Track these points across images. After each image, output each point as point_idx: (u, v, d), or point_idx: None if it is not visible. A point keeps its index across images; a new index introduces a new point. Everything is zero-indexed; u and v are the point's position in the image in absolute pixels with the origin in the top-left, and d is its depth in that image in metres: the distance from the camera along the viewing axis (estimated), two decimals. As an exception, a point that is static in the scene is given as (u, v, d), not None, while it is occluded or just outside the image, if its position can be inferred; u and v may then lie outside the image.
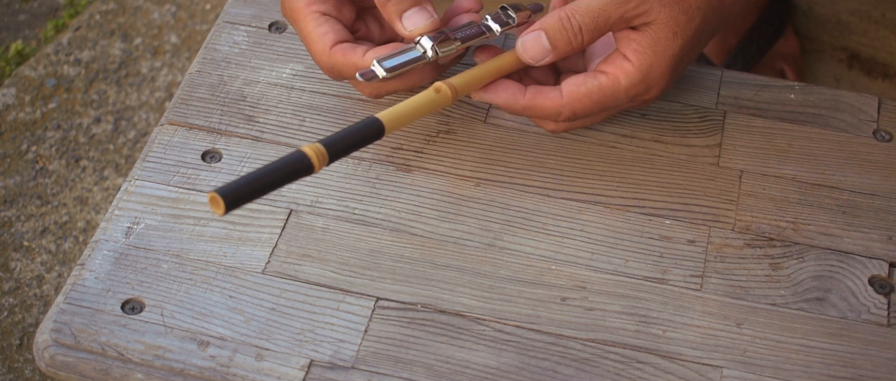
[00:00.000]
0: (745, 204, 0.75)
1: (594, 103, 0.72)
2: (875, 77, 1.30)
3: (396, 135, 0.78)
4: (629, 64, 0.72)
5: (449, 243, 0.73)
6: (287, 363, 0.67)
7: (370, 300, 0.70)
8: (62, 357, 0.67)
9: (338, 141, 0.66)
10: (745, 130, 0.79)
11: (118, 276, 0.70)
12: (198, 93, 0.80)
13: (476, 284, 0.71)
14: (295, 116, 0.79)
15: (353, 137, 0.67)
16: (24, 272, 1.24)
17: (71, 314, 0.68)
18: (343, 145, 0.66)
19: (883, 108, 0.81)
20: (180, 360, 0.67)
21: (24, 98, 1.39)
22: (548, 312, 0.69)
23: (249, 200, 0.62)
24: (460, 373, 0.67)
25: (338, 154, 0.66)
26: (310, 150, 0.64)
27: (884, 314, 0.70)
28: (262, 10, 0.86)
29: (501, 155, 0.77)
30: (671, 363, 0.67)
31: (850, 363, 0.68)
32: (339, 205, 0.74)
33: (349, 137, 0.67)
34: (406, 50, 0.73)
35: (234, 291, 0.70)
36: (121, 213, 0.74)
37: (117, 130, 1.37)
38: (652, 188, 0.76)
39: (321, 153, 0.65)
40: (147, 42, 1.46)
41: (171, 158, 0.77)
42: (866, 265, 0.72)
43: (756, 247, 0.73)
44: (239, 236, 0.72)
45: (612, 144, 0.78)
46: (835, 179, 0.77)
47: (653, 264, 0.72)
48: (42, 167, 1.33)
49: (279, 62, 0.82)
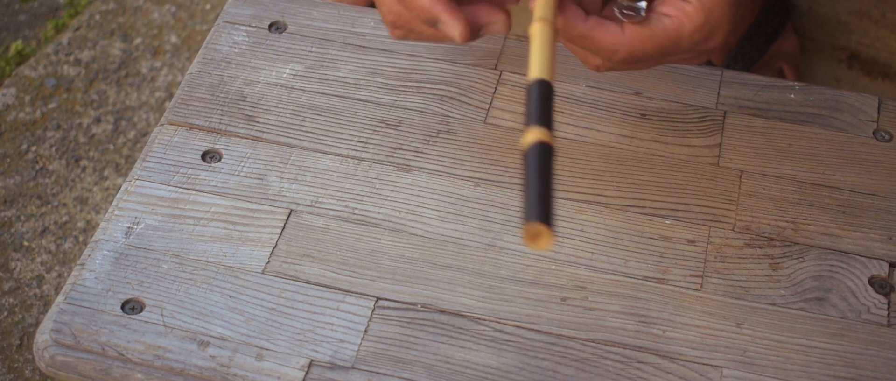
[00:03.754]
0: (745, 204, 0.75)
1: (655, 47, 0.69)
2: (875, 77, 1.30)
3: (396, 135, 0.78)
4: (690, 6, 0.68)
5: (449, 243, 0.73)
6: (287, 363, 0.67)
7: (370, 300, 0.70)
8: (62, 357, 0.67)
9: (540, 112, 0.63)
10: (745, 130, 0.79)
11: (118, 276, 0.70)
12: (198, 93, 0.80)
13: (476, 284, 0.71)
14: (295, 116, 0.79)
15: (545, 102, 0.63)
16: (24, 272, 1.24)
17: (71, 314, 0.68)
18: (546, 114, 0.63)
19: (883, 108, 0.81)
20: (180, 360, 0.67)
21: (24, 98, 1.39)
22: (548, 312, 0.69)
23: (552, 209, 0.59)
24: (460, 373, 0.67)
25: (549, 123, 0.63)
26: (540, 134, 0.60)
27: (884, 314, 0.70)
28: (262, 10, 0.86)
29: (501, 155, 0.77)
30: (671, 363, 0.67)
31: (850, 363, 0.68)
32: (339, 205, 0.74)
33: (543, 103, 0.63)
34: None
35: (234, 291, 0.70)
36: (121, 213, 0.74)
37: (117, 130, 1.37)
38: (652, 188, 0.76)
39: (544, 132, 0.61)
40: (147, 42, 1.46)
41: (171, 158, 0.77)
42: (866, 265, 0.72)
43: (756, 247, 0.73)
44: (239, 236, 0.72)
45: (612, 145, 0.78)
46: (835, 179, 0.77)
47: (653, 264, 0.72)
48: (42, 167, 1.33)
49: (279, 62, 0.82)
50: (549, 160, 0.60)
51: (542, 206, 0.57)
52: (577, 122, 0.79)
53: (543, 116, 0.62)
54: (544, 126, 0.61)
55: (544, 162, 0.60)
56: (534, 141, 0.60)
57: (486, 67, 0.82)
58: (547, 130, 0.61)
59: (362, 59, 0.83)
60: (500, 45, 0.84)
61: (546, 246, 0.56)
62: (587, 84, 0.82)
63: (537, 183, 0.59)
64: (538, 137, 0.60)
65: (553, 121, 0.62)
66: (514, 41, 0.84)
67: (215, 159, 0.77)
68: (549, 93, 0.64)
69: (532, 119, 0.62)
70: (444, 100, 0.80)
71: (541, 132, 0.61)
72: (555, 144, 0.60)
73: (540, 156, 0.60)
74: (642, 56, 0.70)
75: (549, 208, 0.57)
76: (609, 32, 0.69)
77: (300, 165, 0.76)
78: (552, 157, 0.60)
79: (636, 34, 0.69)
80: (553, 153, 0.60)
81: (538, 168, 0.59)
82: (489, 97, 0.81)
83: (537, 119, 0.62)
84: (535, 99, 0.63)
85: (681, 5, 0.69)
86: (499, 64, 0.83)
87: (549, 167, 0.60)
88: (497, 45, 0.84)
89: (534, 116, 0.62)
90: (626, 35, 0.69)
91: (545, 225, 0.56)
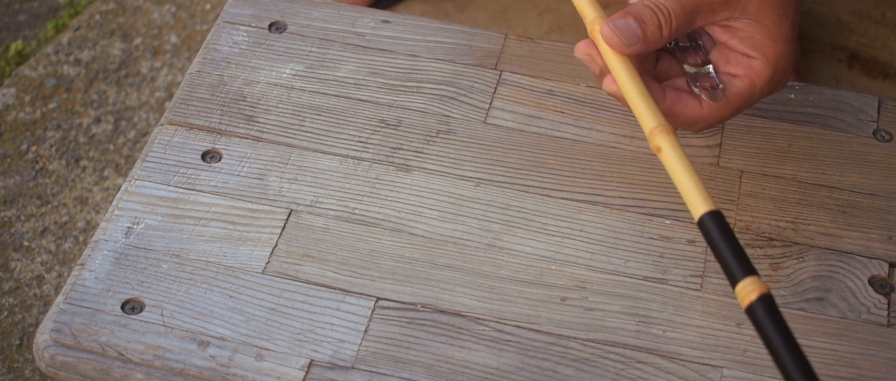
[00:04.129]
0: (745, 204, 0.75)
1: (732, 111, 0.69)
2: (875, 77, 1.30)
3: (396, 135, 0.78)
4: (757, 62, 0.68)
5: (449, 243, 0.73)
6: (287, 363, 0.67)
7: (370, 300, 0.70)
8: (62, 357, 0.67)
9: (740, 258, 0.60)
10: (745, 130, 0.79)
11: (118, 276, 0.70)
12: (198, 93, 0.80)
13: (476, 284, 0.71)
14: (295, 116, 0.79)
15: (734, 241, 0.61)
16: (24, 272, 1.24)
17: (71, 314, 0.68)
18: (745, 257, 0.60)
19: (883, 108, 0.81)
20: (180, 360, 0.67)
21: (24, 98, 1.39)
22: (548, 312, 0.69)
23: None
24: (460, 373, 0.67)
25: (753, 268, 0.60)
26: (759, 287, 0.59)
27: (884, 314, 0.70)
28: (262, 10, 0.86)
29: (501, 155, 0.77)
30: (671, 363, 0.67)
31: (850, 363, 0.68)
32: (339, 205, 0.74)
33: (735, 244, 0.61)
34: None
35: (234, 291, 0.70)
36: (121, 213, 0.74)
37: (117, 130, 1.37)
38: (652, 188, 0.76)
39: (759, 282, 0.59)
40: (147, 42, 1.46)
41: (171, 158, 0.77)
42: (866, 265, 0.72)
43: (756, 247, 0.73)
44: (239, 236, 0.72)
45: (612, 145, 0.78)
46: (835, 179, 0.77)
47: (653, 264, 0.72)
48: (42, 167, 1.33)
49: (279, 62, 0.82)
50: (777, 314, 0.58)
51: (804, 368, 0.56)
52: (577, 122, 0.79)
53: (745, 260, 0.60)
54: (754, 274, 0.59)
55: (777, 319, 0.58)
56: (758, 297, 0.58)
57: (486, 66, 0.83)
58: (757, 277, 0.59)
59: (362, 59, 0.83)
60: (500, 46, 0.84)
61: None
62: (587, 84, 0.82)
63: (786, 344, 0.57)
64: (761, 292, 0.58)
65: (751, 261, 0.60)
66: (514, 41, 0.84)
67: (215, 159, 0.77)
68: (728, 225, 0.61)
69: (737, 270, 0.59)
70: (444, 100, 0.80)
71: (757, 285, 0.59)
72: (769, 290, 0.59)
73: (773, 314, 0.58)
74: (719, 122, 0.70)
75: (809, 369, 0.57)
76: (689, 107, 0.68)
77: (300, 165, 0.76)
78: (778, 310, 0.58)
79: (714, 107, 0.68)
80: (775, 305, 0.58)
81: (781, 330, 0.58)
82: (489, 97, 0.81)
83: (744, 268, 0.59)
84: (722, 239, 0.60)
85: (747, 62, 0.68)
86: (499, 64, 0.83)
87: (781, 322, 0.58)
88: (497, 45, 0.84)
89: (736, 265, 0.59)
90: (705, 108, 0.68)
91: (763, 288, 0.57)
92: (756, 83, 0.69)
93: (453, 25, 0.85)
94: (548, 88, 0.81)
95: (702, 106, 0.68)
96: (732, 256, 0.60)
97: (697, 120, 0.69)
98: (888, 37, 1.30)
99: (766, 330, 0.58)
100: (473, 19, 1.38)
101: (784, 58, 0.69)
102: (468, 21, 1.38)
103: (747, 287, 0.59)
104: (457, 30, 0.85)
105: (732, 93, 0.68)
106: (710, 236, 0.61)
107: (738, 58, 0.69)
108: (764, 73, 0.68)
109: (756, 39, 0.68)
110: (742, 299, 0.59)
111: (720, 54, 0.70)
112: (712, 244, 0.61)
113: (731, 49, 0.69)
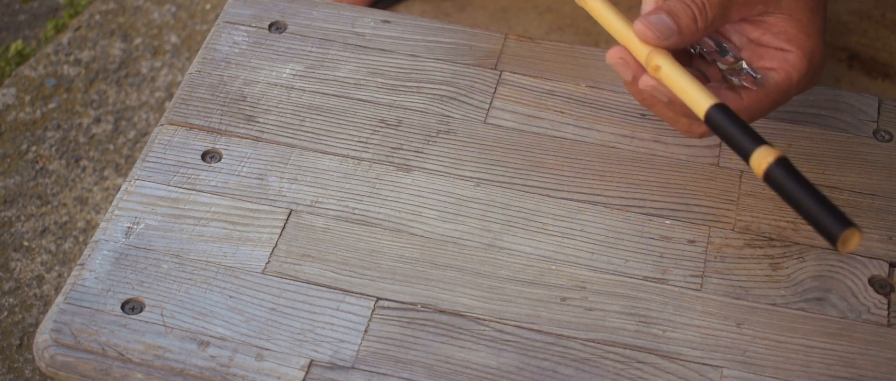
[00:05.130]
0: (745, 204, 0.75)
1: (771, 104, 0.69)
2: (875, 77, 1.30)
3: (396, 135, 0.78)
4: (792, 54, 0.68)
5: (449, 243, 0.73)
6: (287, 363, 0.67)
7: (370, 300, 0.70)
8: (62, 357, 0.67)
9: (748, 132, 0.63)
10: (745, 130, 0.79)
11: (118, 276, 0.70)
12: (198, 93, 0.80)
13: (476, 284, 0.71)
14: (295, 116, 0.79)
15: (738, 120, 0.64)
16: (24, 272, 1.24)
17: (71, 314, 0.68)
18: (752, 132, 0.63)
19: (883, 108, 0.81)
20: (180, 360, 0.67)
21: (24, 98, 1.39)
22: (548, 312, 0.69)
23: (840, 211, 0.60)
24: (460, 373, 0.67)
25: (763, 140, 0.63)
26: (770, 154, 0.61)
27: (884, 314, 0.70)
28: (262, 10, 0.86)
29: (501, 155, 0.77)
30: (671, 363, 0.67)
31: (850, 363, 0.68)
32: (339, 205, 0.74)
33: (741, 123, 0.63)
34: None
35: (234, 291, 0.70)
36: (121, 213, 0.74)
37: (117, 130, 1.37)
38: (652, 188, 0.76)
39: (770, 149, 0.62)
40: (147, 42, 1.46)
41: (171, 158, 0.77)
42: (866, 265, 0.72)
43: (756, 247, 0.73)
44: (239, 236, 0.72)
45: (612, 145, 0.78)
46: (835, 179, 0.77)
47: (653, 264, 0.72)
48: (42, 167, 1.33)
49: (279, 62, 0.82)
50: (798, 172, 0.60)
51: (834, 214, 0.58)
52: (577, 122, 0.79)
53: (752, 134, 0.62)
54: (764, 143, 0.61)
55: (798, 176, 0.60)
56: (773, 161, 0.60)
57: (486, 66, 0.83)
58: (768, 145, 0.61)
59: (362, 59, 0.83)
60: (500, 46, 0.84)
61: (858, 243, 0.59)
62: (587, 84, 0.82)
63: (811, 198, 0.59)
64: (772, 157, 0.61)
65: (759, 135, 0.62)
66: (514, 41, 0.84)
67: (215, 159, 0.77)
68: (732, 112, 0.63)
69: (747, 143, 0.62)
70: (444, 100, 0.80)
71: (769, 152, 0.61)
72: (786, 155, 0.60)
73: (790, 172, 0.60)
74: (760, 115, 0.70)
75: (839, 213, 0.58)
76: (729, 100, 0.68)
77: (300, 165, 0.76)
78: (796, 169, 0.60)
79: (753, 97, 0.68)
80: (792, 165, 0.60)
81: (800, 184, 0.59)
82: (489, 97, 0.81)
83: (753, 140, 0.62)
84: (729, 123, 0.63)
85: (783, 56, 0.68)
86: (499, 64, 0.83)
87: (803, 178, 0.60)
88: (497, 45, 0.84)
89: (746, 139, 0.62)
90: (745, 100, 0.68)
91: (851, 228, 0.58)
92: (793, 75, 0.68)
93: (453, 25, 0.85)
94: (548, 88, 0.81)
95: (742, 98, 0.68)
96: (742, 134, 0.62)
97: (740, 112, 0.68)
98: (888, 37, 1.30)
99: (788, 190, 0.59)
100: (473, 19, 1.38)
101: (818, 51, 0.69)
102: (468, 21, 1.38)
103: (760, 155, 0.60)
104: (457, 30, 0.85)
105: (771, 84, 0.68)
106: (719, 126, 0.63)
107: (772, 53, 0.69)
108: (800, 65, 0.68)
109: (790, 33, 0.68)
110: (757, 169, 0.60)
111: (753, 52, 0.70)
112: (722, 132, 0.63)
113: (764, 45, 0.69)
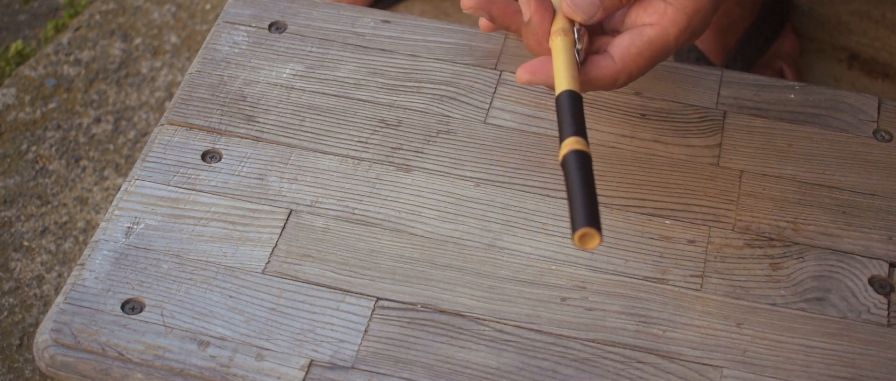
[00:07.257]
0: (745, 204, 0.75)
1: (647, 61, 0.70)
2: (875, 77, 1.30)
3: (396, 135, 0.78)
4: (671, 8, 0.70)
5: (449, 243, 0.73)
6: (287, 363, 0.67)
7: (370, 300, 0.70)
8: (62, 357, 0.67)
9: (573, 123, 0.66)
10: (745, 130, 0.79)
11: (118, 276, 0.70)
12: (198, 93, 0.80)
13: (476, 284, 0.71)
14: (295, 116, 0.79)
15: (577, 112, 0.67)
16: (24, 272, 1.24)
17: (71, 314, 0.68)
18: (579, 124, 0.66)
19: (883, 108, 0.81)
20: (180, 360, 0.67)
21: (24, 98, 1.39)
22: (548, 312, 0.69)
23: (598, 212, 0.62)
24: (460, 373, 0.67)
25: (583, 133, 0.66)
26: (576, 144, 0.64)
27: (884, 314, 0.70)
28: (262, 10, 0.86)
29: (501, 155, 0.77)
30: (671, 363, 0.67)
31: (850, 363, 0.68)
32: (339, 205, 0.74)
33: (574, 113, 0.66)
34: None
35: (234, 291, 0.70)
36: (121, 213, 0.74)
37: (117, 130, 1.37)
38: (652, 188, 0.76)
39: (579, 141, 0.64)
40: (147, 42, 1.46)
41: (171, 158, 0.77)
42: (866, 265, 0.72)
43: (756, 247, 0.73)
44: (239, 236, 0.72)
45: (612, 145, 0.78)
46: (835, 179, 0.77)
47: (653, 264, 0.72)
48: (42, 167, 1.33)
49: (279, 62, 0.82)
50: (588, 167, 0.63)
51: (590, 212, 0.61)
52: (577, 122, 0.79)
53: (577, 126, 0.66)
54: (579, 135, 0.65)
55: (584, 170, 0.63)
56: (570, 150, 0.64)
57: (486, 66, 0.83)
58: (582, 139, 0.65)
59: (362, 59, 0.83)
60: (500, 46, 0.84)
61: (595, 246, 0.61)
62: (587, 84, 0.82)
63: (582, 190, 0.62)
64: (574, 147, 0.64)
65: (585, 130, 0.66)
66: (514, 41, 0.84)
67: (215, 159, 0.77)
68: (579, 103, 0.67)
69: (566, 131, 0.65)
70: (444, 100, 0.80)
71: (576, 142, 0.64)
72: (590, 151, 0.64)
73: (579, 164, 0.63)
74: (640, 72, 0.71)
75: (595, 213, 0.61)
76: (603, 68, 0.70)
77: (300, 165, 0.76)
78: (590, 164, 0.63)
79: (627, 56, 0.70)
80: (590, 161, 0.64)
81: (580, 176, 0.63)
82: (489, 97, 0.81)
83: (572, 130, 0.65)
84: (567, 110, 0.66)
85: (663, 10, 0.70)
86: (499, 64, 0.83)
87: (589, 174, 0.63)
88: (497, 45, 0.84)
89: (568, 127, 0.65)
90: (619, 62, 0.70)
91: (594, 228, 0.60)
92: (670, 30, 0.70)
93: (453, 25, 0.85)
94: (548, 88, 0.81)
95: (615, 61, 0.70)
96: (571, 121, 0.66)
97: (616, 76, 0.70)
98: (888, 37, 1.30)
99: (570, 176, 0.63)
100: (473, 19, 1.38)
101: (699, 14, 0.70)
102: (468, 21, 1.38)
103: (568, 143, 0.64)
104: (457, 30, 0.85)
105: (644, 42, 0.70)
106: (560, 108, 0.67)
107: (654, 5, 0.70)
108: (678, 19, 0.70)
109: None
110: (560, 153, 0.64)
111: (640, 6, 0.71)
112: (559, 113, 0.66)
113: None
